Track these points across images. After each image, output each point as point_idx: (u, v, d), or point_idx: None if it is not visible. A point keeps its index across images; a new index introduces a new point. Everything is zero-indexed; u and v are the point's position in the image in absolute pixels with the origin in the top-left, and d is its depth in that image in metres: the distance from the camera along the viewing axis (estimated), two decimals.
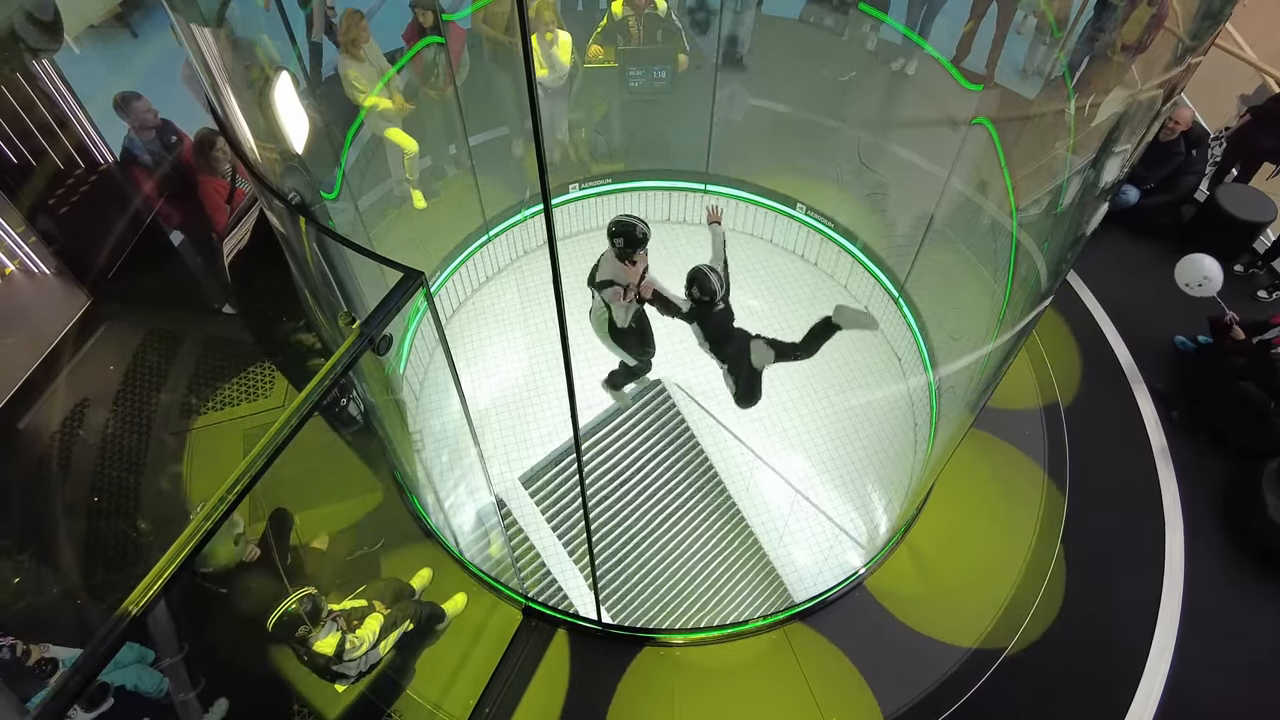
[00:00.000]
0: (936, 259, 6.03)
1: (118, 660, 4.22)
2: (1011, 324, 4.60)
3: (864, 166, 6.53)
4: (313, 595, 3.95)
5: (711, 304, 4.53)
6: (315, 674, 4.18)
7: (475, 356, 6.47)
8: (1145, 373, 6.44)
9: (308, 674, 4.29)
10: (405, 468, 5.52)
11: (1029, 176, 5.09)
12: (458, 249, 6.62)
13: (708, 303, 4.51)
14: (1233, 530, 5.60)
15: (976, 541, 5.51)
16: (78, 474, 5.52)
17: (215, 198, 5.98)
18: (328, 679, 4.28)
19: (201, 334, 6.42)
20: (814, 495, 5.81)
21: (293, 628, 3.86)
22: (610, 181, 7.18)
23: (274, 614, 3.86)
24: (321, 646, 3.99)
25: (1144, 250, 7.35)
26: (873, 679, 4.89)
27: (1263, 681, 5.01)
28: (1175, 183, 7.27)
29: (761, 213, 7.15)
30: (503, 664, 4.90)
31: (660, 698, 4.82)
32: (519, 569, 5.43)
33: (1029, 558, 5.38)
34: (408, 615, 4.61)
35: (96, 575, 5.07)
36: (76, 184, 6.40)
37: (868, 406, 6.21)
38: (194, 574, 3.89)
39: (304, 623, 3.88)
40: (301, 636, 3.90)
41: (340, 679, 4.27)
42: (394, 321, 2.71)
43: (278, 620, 3.86)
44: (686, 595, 5.75)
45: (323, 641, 3.99)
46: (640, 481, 6.08)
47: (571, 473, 5.98)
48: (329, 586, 4.63)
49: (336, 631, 4.05)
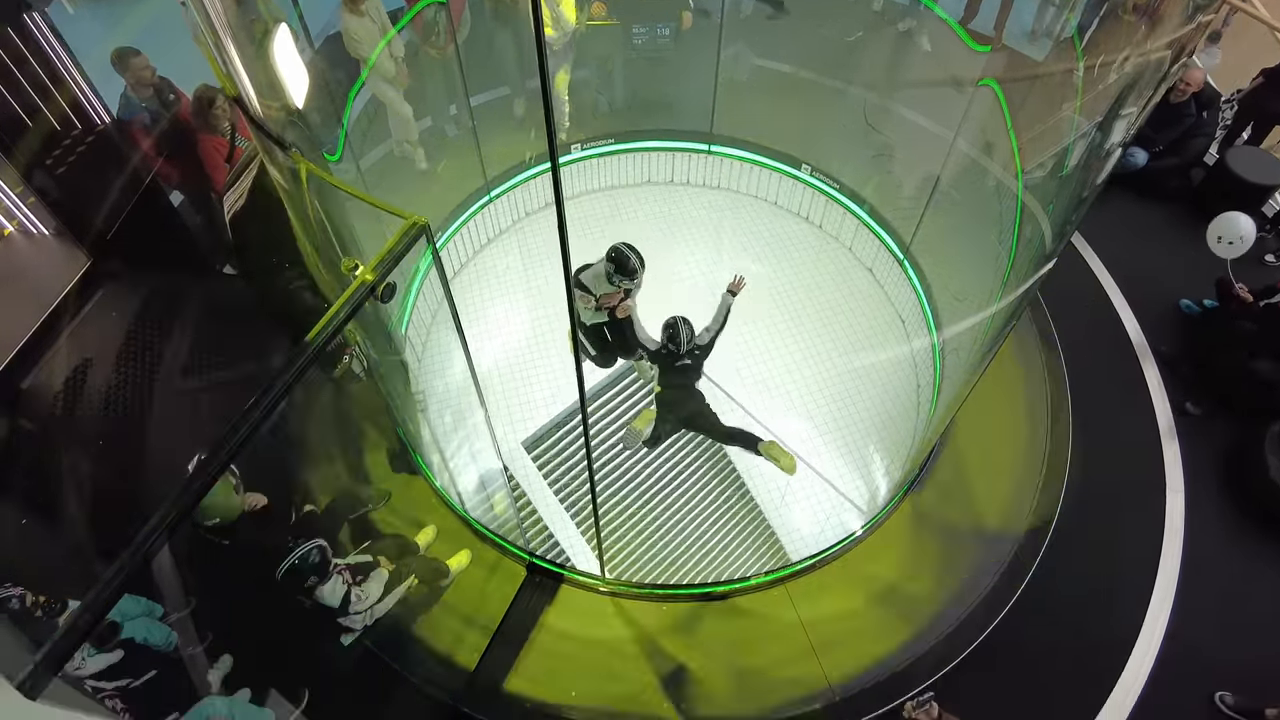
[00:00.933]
0: (941, 221, 5.99)
1: (125, 613, 4.26)
2: (1016, 285, 4.59)
3: (870, 128, 6.46)
4: (322, 547, 3.98)
5: (673, 356, 4.85)
6: (320, 626, 4.23)
7: (477, 319, 6.45)
8: (1150, 336, 6.43)
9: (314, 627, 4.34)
10: (409, 427, 5.54)
11: (1035, 138, 5.03)
12: (459, 209, 6.58)
13: (671, 353, 4.84)
14: (1234, 492, 5.63)
15: (978, 499, 5.53)
16: (82, 433, 5.54)
17: (215, 156, 5.92)
18: (333, 632, 4.33)
19: (203, 293, 6.39)
20: (815, 458, 5.83)
21: (301, 578, 3.89)
22: (613, 141, 7.11)
23: (283, 564, 3.89)
24: (328, 598, 4.02)
25: (1151, 214, 7.30)
26: (871, 634, 4.95)
27: (1260, 638, 5.07)
28: (1185, 146, 7.20)
29: (766, 174, 7.09)
30: (507, 618, 4.96)
31: (662, 650, 4.88)
32: (523, 528, 5.46)
33: (1030, 518, 5.40)
34: (412, 571, 4.65)
35: (102, 531, 5.10)
36: (73, 144, 6.31)
37: (871, 369, 6.20)
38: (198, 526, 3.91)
39: (312, 574, 3.91)
40: (310, 587, 3.94)
41: (346, 632, 4.32)
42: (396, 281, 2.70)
43: (286, 570, 3.89)
44: (687, 555, 5.80)
45: (330, 593, 4.02)
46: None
47: (575, 436, 6.00)
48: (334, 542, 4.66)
49: (343, 585, 4.08)
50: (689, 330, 4.82)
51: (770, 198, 7.22)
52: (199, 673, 4.52)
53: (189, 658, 4.46)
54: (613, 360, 5.76)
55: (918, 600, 5.10)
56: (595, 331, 5.33)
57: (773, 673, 4.81)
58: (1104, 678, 4.95)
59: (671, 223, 7.11)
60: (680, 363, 4.89)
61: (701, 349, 4.94)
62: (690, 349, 4.86)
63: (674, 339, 4.79)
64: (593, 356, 5.70)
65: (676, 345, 4.79)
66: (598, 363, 5.75)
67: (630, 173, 7.36)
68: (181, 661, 4.52)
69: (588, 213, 7.16)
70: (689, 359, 4.89)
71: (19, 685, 1.71)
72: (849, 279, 6.73)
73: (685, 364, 4.92)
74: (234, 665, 4.69)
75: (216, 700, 4.06)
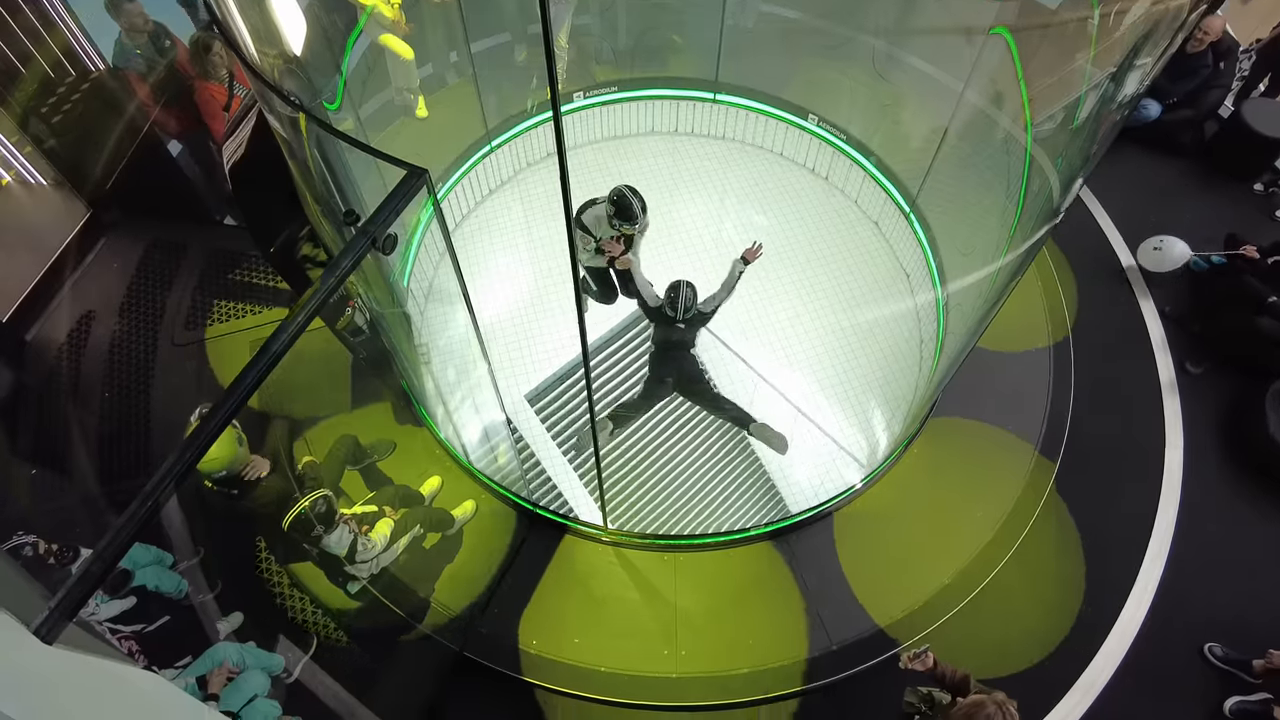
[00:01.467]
0: (949, 174, 5.91)
1: (136, 561, 4.36)
2: (1022, 240, 4.55)
3: (878, 77, 6.32)
4: (328, 497, 4.03)
5: (672, 320, 4.75)
6: (327, 575, 4.32)
7: (479, 272, 6.42)
8: (1155, 291, 6.40)
9: (321, 576, 4.43)
10: (413, 379, 5.56)
11: (1047, 89, 4.93)
12: (460, 160, 6.49)
13: (670, 316, 4.74)
14: (1232, 449, 5.66)
15: (977, 453, 5.58)
16: (87, 384, 5.57)
17: (213, 104, 5.83)
18: (339, 580, 4.42)
19: (204, 245, 6.37)
20: (816, 412, 5.85)
21: (308, 528, 3.96)
22: (615, 89, 6.98)
23: (290, 514, 3.95)
24: (334, 547, 4.10)
25: (1162, 167, 7.19)
26: (864, 589, 5.03)
27: (1252, 593, 5.16)
28: (1200, 97, 7.04)
29: (772, 124, 6.97)
30: (510, 567, 5.05)
31: (662, 599, 4.98)
32: (527, 479, 5.52)
33: (1030, 473, 5.45)
34: (417, 520, 4.72)
35: (110, 481, 5.17)
36: (68, 91, 6.22)
37: (874, 323, 6.19)
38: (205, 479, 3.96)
39: (318, 524, 3.97)
40: (316, 537, 4.00)
41: (352, 580, 4.41)
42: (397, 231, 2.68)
43: (294, 520, 3.96)
44: (688, 506, 5.87)
45: (336, 542, 4.09)
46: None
47: (578, 390, 6.02)
48: (340, 493, 4.73)
49: (350, 534, 4.15)
50: (691, 294, 4.68)
51: (776, 148, 7.11)
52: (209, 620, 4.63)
53: (199, 605, 4.57)
54: (614, 297, 5.71)
55: (914, 552, 5.18)
56: (597, 270, 5.27)
57: (771, 622, 4.91)
58: (1096, 629, 5.05)
59: (675, 174, 7.02)
60: (678, 324, 4.78)
61: (703, 315, 4.83)
62: (690, 314, 4.74)
63: (674, 303, 4.66)
64: (593, 292, 5.68)
65: (675, 310, 4.67)
66: (598, 299, 5.72)
67: (633, 122, 7.25)
68: (192, 608, 4.64)
69: (590, 163, 7.07)
70: (684, 323, 4.78)
71: (35, 630, 1.75)
72: (854, 232, 6.67)
73: (680, 327, 4.81)
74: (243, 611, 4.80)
75: (228, 645, 4.17)
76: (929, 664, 3.45)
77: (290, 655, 4.56)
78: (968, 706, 3.08)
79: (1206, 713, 4.78)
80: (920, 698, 3.48)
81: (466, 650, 4.78)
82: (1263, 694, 4.69)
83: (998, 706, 3.00)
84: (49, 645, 1.76)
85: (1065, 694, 4.86)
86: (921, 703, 3.47)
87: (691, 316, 4.73)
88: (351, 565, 4.20)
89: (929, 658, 3.47)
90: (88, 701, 1.67)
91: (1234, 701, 4.74)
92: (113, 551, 1.98)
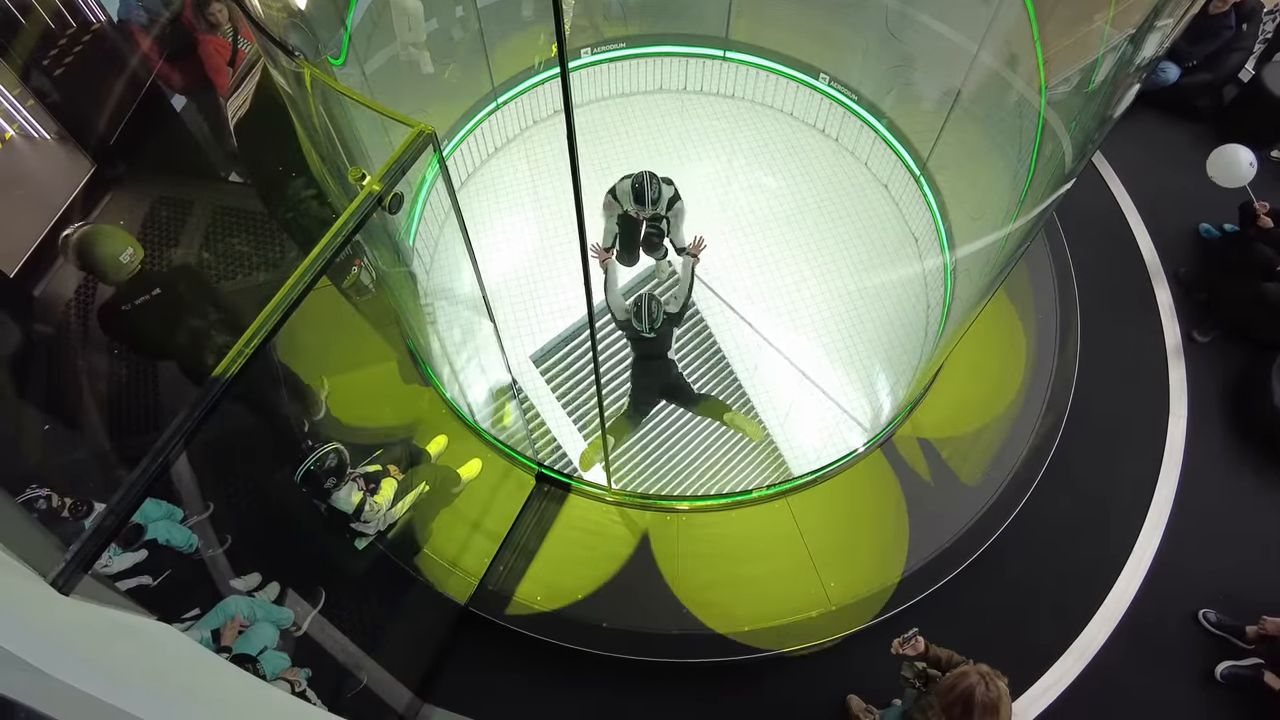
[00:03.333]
0: (960, 136, 5.82)
1: (148, 515, 4.43)
2: (1033, 205, 4.50)
3: (891, 36, 6.20)
4: (338, 450, 4.09)
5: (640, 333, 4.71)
6: (334, 530, 4.39)
7: (484, 231, 6.39)
8: (1166, 260, 6.35)
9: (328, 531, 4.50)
10: (419, 339, 5.58)
11: (1063, 50, 4.83)
12: (465, 117, 6.42)
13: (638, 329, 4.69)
14: (1236, 419, 5.67)
15: (982, 418, 5.59)
16: (95, 340, 5.60)
17: (216, 59, 5.75)
18: (346, 535, 4.49)
19: (210, 202, 6.33)
20: (820, 376, 5.86)
21: (319, 481, 4.02)
22: (624, 46, 6.85)
23: (301, 467, 4.01)
24: (343, 504, 4.16)
25: (1178, 132, 7.08)
26: (867, 548, 5.10)
27: (1248, 562, 5.21)
28: (1220, 61, 6.89)
29: (783, 83, 6.86)
30: (516, 526, 5.12)
31: (665, 558, 5.05)
32: (532, 439, 5.57)
33: (1033, 438, 5.47)
34: (423, 479, 4.78)
35: (120, 436, 5.23)
36: (70, 43, 6.14)
37: (880, 288, 6.16)
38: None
39: (330, 477, 4.03)
40: (327, 490, 4.06)
41: (360, 536, 4.48)
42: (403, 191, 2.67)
43: (305, 473, 4.02)
44: (691, 467, 5.91)
45: (344, 499, 4.15)
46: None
47: (584, 350, 6.03)
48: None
49: (359, 492, 4.21)
50: (655, 306, 4.63)
51: (786, 108, 7.01)
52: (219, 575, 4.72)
53: (209, 560, 4.65)
54: (635, 259, 5.76)
55: (916, 515, 5.23)
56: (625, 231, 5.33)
57: (772, 582, 4.98)
58: (1093, 593, 5.12)
59: (684, 133, 6.93)
60: (645, 335, 4.75)
61: (671, 317, 4.80)
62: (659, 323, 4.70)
63: (639, 317, 4.63)
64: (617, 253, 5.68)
65: (641, 322, 4.64)
66: (621, 261, 5.75)
67: (642, 79, 7.14)
68: (203, 562, 4.73)
69: (597, 121, 6.98)
70: (654, 333, 4.74)
71: (53, 581, 1.79)
72: (864, 195, 6.60)
73: (651, 337, 4.78)
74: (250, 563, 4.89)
75: (238, 599, 4.25)
76: (920, 648, 3.54)
77: (299, 609, 4.65)
78: (954, 677, 3.15)
79: (1198, 677, 4.87)
80: (915, 673, 3.57)
81: (471, 605, 4.87)
82: (1254, 659, 4.76)
83: (981, 676, 3.07)
84: (65, 596, 1.81)
85: (1060, 656, 4.96)
86: (916, 678, 3.56)
87: (660, 325, 4.72)
88: (358, 523, 4.26)
89: (919, 642, 3.55)
90: (103, 650, 1.71)
91: (1225, 666, 4.82)
92: (126, 506, 2.03)
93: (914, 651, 3.54)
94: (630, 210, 5.06)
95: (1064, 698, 4.85)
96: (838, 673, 4.90)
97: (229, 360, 2.10)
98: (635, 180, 4.89)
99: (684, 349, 6.08)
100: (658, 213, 5.07)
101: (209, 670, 2.09)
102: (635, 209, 5.00)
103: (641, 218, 5.09)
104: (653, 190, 4.87)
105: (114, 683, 1.50)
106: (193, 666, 2.03)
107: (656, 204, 4.95)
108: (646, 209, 4.95)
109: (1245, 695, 4.73)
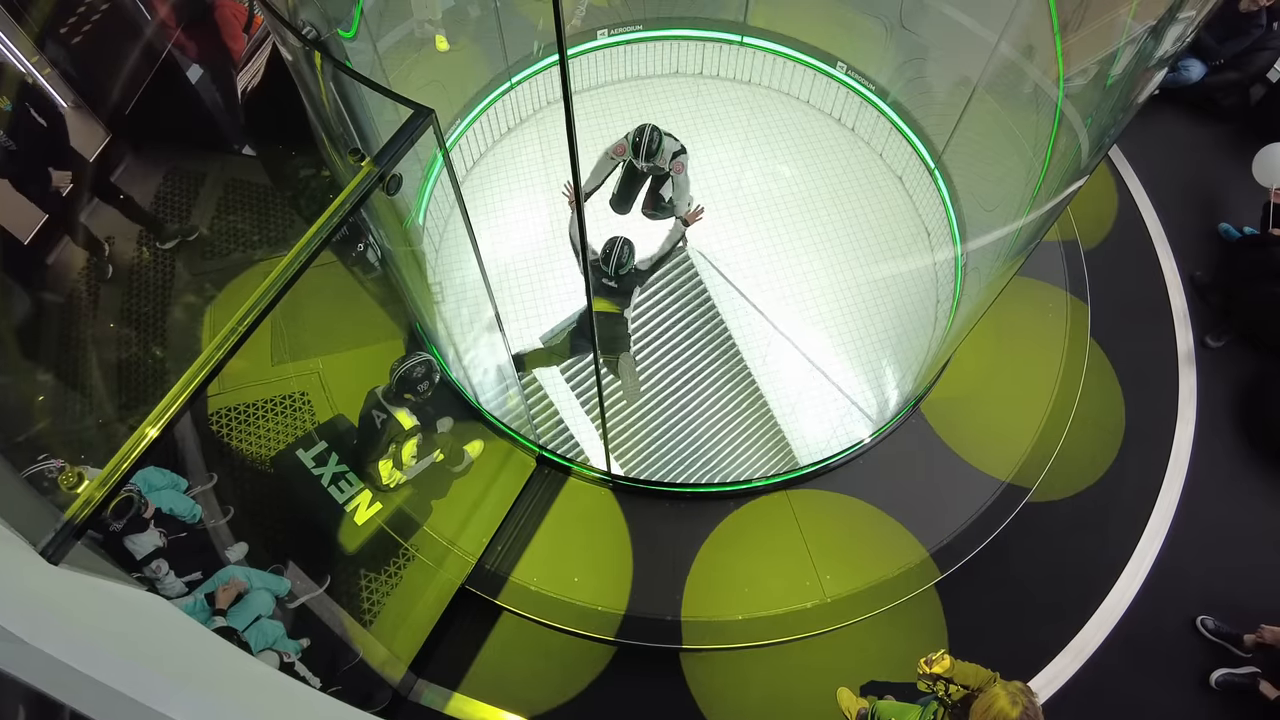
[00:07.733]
0: (976, 129, 5.74)
1: (152, 484, 4.48)
2: (1046, 199, 4.44)
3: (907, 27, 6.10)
4: (428, 360, 4.47)
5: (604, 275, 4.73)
6: (369, 444, 4.67)
7: (495, 212, 6.38)
8: (1183, 262, 6.25)
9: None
10: (425, 320, 5.59)
11: (1082, 42, 4.74)
12: (479, 95, 6.38)
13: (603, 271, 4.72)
14: (1245, 428, 5.60)
15: (987, 414, 5.55)
16: (105, 308, 5.66)
17: (233, 24, 5.75)
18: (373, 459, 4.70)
19: (222, 174, 6.35)
20: (829, 368, 5.83)
21: (408, 385, 4.43)
22: (640, 28, 6.79)
23: (398, 368, 4.40)
24: (403, 418, 4.52)
25: (1201, 132, 6.94)
26: (868, 541, 5.09)
27: (1249, 571, 5.17)
28: (1249, 59, 6.73)
29: (800, 71, 6.77)
30: (515, 507, 5.15)
31: (663, 545, 5.07)
32: (534, 422, 5.58)
33: (1037, 438, 5.43)
34: (438, 446, 4.91)
35: (129, 405, 5.29)
36: (88, 11, 6.15)
37: (890, 280, 6.11)
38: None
39: (421, 382, 4.45)
40: (422, 391, 4.48)
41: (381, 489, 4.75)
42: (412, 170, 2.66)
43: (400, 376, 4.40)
44: (694, 454, 5.91)
45: (407, 416, 4.51)
46: (658, 346, 6.11)
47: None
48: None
49: (412, 418, 4.53)
50: (626, 251, 4.62)
51: (803, 96, 6.93)
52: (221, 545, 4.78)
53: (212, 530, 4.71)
54: (627, 208, 5.82)
55: (917, 512, 5.21)
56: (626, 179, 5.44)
57: (770, 572, 4.99)
58: (1092, 594, 5.10)
59: (699, 117, 6.87)
60: (609, 282, 4.73)
61: (638, 273, 4.76)
62: (625, 272, 4.67)
63: (607, 259, 4.60)
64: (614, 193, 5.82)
65: (607, 264, 4.60)
66: (615, 208, 5.86)
67: (658, 62, 7.07)
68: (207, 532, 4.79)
69: (611, 104, 6.93)
70: (616, 282, 4.72)
71: (42, 550, 1.81)
72: (877, 186, 6.53)
73: (612, 286, 4.75)
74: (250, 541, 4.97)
75: (235, 569, 4.31)
76: (946, 665, 3.51)
77: (299, 582, 4.71)
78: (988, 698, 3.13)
79: (1193, 683, 4.85)
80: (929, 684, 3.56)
81: (468, 584, 4.91)
82: (1250, 668, 4.74)
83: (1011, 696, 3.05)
84: (54, 565, 1.83)
85: (1055, 656, 4.95)
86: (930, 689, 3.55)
87: (626, 274, 4.67)
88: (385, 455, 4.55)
89: (946, 660, 3.52)
90: (90, 621, 1.73)
91: (1221, 673, 4.80)
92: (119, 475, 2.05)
93: (941, 670, 3.51)
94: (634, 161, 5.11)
95: (1058, 696, 4.86)
96: (832, 664, 4.92)
97: (220, 337, 2.11)
98: (637, 130, 4.92)
99: (694, 334, 6.06)
100: (657, 165, 5.09)
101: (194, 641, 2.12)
102: (635, 159, 5.04)
103: (643, 169, 5.13)
104: (650, 142, 4.89)
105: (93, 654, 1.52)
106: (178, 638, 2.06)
107: (653, 156, 4.96)
108: (641, 160, 4.96)
109: (1239, 703, 4.71)
